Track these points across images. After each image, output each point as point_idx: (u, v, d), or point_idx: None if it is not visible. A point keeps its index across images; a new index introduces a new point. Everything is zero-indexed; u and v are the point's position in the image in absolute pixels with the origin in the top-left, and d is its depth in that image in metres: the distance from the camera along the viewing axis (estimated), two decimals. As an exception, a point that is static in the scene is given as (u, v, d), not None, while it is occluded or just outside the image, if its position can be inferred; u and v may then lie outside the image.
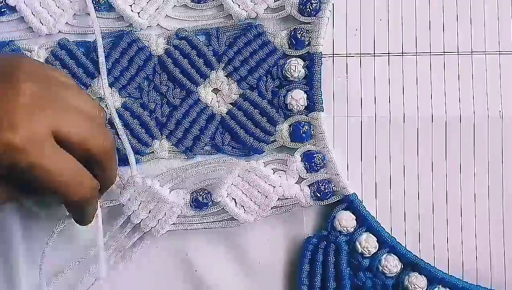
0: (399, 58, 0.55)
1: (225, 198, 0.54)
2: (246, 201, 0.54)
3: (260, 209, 0.54)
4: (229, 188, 0.54)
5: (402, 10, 0.56)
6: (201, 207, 0.54)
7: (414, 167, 0.55)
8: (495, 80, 0.55)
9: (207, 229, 0.55)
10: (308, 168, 0.54)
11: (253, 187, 0.54)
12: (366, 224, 0.54)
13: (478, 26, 0.55)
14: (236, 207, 0.54)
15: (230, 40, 0.55)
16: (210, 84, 0.55)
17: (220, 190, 0.54)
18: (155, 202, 0.54)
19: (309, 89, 0.55)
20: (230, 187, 0.54)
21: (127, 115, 0.54)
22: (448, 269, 0.54)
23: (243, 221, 0.54)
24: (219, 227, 0.54)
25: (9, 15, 0.55)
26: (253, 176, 0.54)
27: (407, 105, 0.55)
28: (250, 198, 0.54)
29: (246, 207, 0.54)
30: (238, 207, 0.54)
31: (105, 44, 0.55)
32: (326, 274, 0.53)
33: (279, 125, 0.55)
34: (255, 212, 0.54)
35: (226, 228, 0.55)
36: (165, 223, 0.54)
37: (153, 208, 0.54)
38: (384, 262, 0.53)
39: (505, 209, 0.55)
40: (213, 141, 0.55)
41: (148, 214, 0.54)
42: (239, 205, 0.54)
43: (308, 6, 0.54)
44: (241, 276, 0.55)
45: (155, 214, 0.54)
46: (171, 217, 0.54)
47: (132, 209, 0.54)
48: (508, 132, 0.55)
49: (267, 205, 0.54)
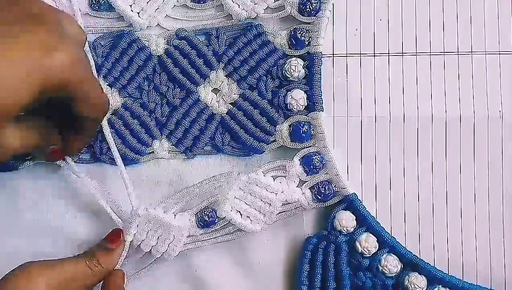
0: (399, 58, 0.55)
1: (230, 213, 0.54)
2: (251, 212, 0.54)
3: (266, 217, 0.54)
4: (233, 202, 0.54)
5: (402, 10, 0.56)
6: (208, 225, 0.54)
7: (414, 167, 0.55)
8: (495, 80, 0.55)
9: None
10: (307, 171, 0.54)
11: (256, 198, 0.54)
12: (366, 224, 0.54)
13: (478, 26, 0.56)
14: (242, 219, 0.54)
15: (230, 40, 0.56)
16: (210, 84, 0.55)
17: (224, 205, 0.53)
18: (163, 229, 0.53)
19: (309, 89, 0.55)
20: (233, 202, 0.54)
21: (127, 115, 0.54)
22: (448, 269, 0.54)
23: (251, 231, 0.54)
24: (228, 240, 0.54)
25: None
26: (254, 187, 0.54)
27: (407, 105, 0.55)
28: (254, 208, 0.54)
29: (252, 217, 0.54)
30: (244, 218, 0.54)
31: (105, 44, 0.55)
32: (326, 274, 0.53)
33: (279, 125, 0.55)
34: (261, 221, 0.54)
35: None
36: (175, 247, 0.53)
37: (161, 234, 0.53)
38: (384, 262, 0.53)
39: (505, 209, 0.55)
40: (213, 141, 0.55)
41: (157, 241, 0.53)
42: (244, 217, 0.54)
43: (308, 6, 0.54)
44: (241, 276, 0.56)
45: (164, 239, 0.53)
46: (180, 240, 0.53)
47: (141, 239, 0.53)
48: (507, 132, 0.55)
49: (272, 213, 0.54)
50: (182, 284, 0.55)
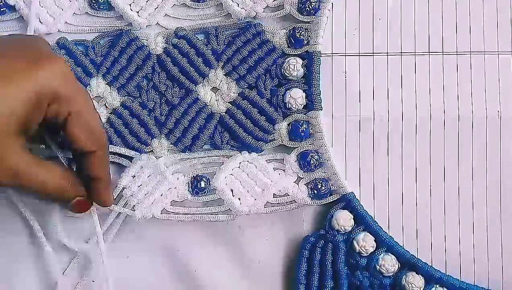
0: (397, 57, 0.55)
1: (224, 186, 0.54)
2: (243, 192, 0.54)
3: (256, 202, 0.54)
4: (228, 177, 0.54)
5: (401, 10, 0.56)
6: (198, 191, 0.54)
7: (412, 167, 0.55)
8: (493, 80, 0.55)
9: (208, 226, 0.55)
10: (303, 168, 0.54)
11: (251, 179, 0.54)
12: (363, 223, 0.54)
13: (477, 26, 0.55)
14: (233, 197, 0.54)
15: (229, 39, 0.56)
16: (209, 83, 0.55)
17: (220, 175, 0.54)
18: (156, 180, 0.54)
19: (308, 88, 0.55)
20: (229, 177, 0.54)
21: (126, 114, 0.55)
22: (446, 269, 0.54)
23: (237, 212, 0.54)
24: (211, 219, 0.54)
25: (9, 14, 0.55)
26: (253, 168, 0.54)
27: (405, 105, 0.55)
28: (247, 190, 0.54)
29: (242, 198, 0.54)
30: (235, 197, 0.54)
31: (104, 43, 0.55)
32: (323, 273, 0.54)
33: (278, 124, 0.55)
34: (250, 204, 0.54)
35: (227, 229, 0.55)
36: (158, 203, 0.54)
37: (151, 189, 0.54)
38: (381, 261, 0.54)
39: (503, 209, 0.55)
40: (212, 140, 0.55)
41: (144, 195, 0.54)
42: (236, 196, 0.54)
43: (308, 5, 0.54)
44: (241, 276, 0.56)
45: (152, 193, 0.54)
46: (167, 197, 0.54)
47: (132, 189, 0.54)
48: (506, 132, 0.55)
49: (263, 198, 0.54)
50: (181, 284, 0.56)
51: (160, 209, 0.54)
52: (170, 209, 0.54)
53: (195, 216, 0.54)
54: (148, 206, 0.54)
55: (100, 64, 0.55)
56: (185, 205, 0.55)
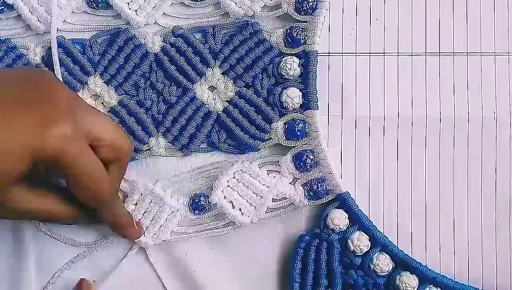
0: (394, 57, 0.55)
1: (222, 200, 0.54)
2: (243, 203, 0.54)
3: (256, 210, 0.54)
4: (225, 190, 0.54)
5: (398, 10, 0.56)
6: (199, 210, 0.55)
7: (407, 166, 0.55)
8: (490, 81, 0.55)
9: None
10: (299, 168, 0.54)
11: (248, 188, 0.54)
12: (358, 223, 0.54)
13: (474, 27, 0.55)
14: (233, 209, 0.55)
15: (226, 38, 0.56)
16: (206, 82, 0.55)
17: (217, 190, 0.54)
18: (157, 207, 0.54)
19: (305, 87, 0.55)
20: (226, 189, 0.54)
21: (123, 112, 0.55)
22: (440, 269, 0.55)
23: (240, 223, 0.54)
24: (217, 233, 0.55)
25: (7, 13, 0.55)
26: (248, 177, 0.54)
27: (401, 105, 0.55)
28: (246, 200, 0.55)
29: (242, 209, 0.55)
30: (235, 209, 0.55)
31: (102, 41, 0.56)
32: (318, 272, 0.54)
33: (274, 123, 0.55)
34: (251, 213, 0.54)
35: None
36: (166, 228, 0.54)
37: (155, 214, 0.54)
38: (375, 260, 0.54)
39: (498, 209, 0.55)
40: (209, 138, 0.56)
41: (150, 222, 0.55)
42: (236, 208, 0.55)
43: (305, 5, 0.54)
44: (239, 275, 0.56)
45: (157, 220, 0.54)
46: (171, 221, 0.54)
47: (138, 217, 0.55)
48: (502, 133, 0.55)
49: (262, 205, 0.54)
50: (180, 284, 0.56)
51: (169, 233, 0.55)
52: (178, 229, 0.55)
53: (203, 233, 0.55)
54: (157, 233, 0.55)
55: (97, 63, 0.55)
56: (191, 223, 0.55)
